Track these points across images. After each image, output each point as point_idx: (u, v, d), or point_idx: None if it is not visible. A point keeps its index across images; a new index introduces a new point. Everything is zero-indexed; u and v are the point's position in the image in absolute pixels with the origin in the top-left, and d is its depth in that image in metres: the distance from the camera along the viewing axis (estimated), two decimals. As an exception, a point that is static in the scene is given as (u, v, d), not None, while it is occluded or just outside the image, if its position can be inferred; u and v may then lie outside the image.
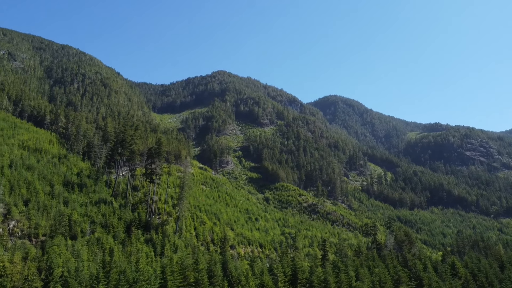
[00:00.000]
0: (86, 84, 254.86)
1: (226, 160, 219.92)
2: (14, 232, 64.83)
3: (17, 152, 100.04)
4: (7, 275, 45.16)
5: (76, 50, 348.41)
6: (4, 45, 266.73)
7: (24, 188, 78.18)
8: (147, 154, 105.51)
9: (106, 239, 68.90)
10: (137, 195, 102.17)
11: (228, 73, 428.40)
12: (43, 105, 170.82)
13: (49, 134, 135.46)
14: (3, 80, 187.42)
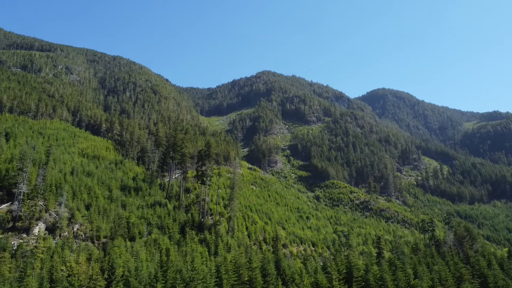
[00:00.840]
0: (137, 92, 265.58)
1: (275, 160, 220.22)
2: (78, 235, 68.87)
3: (77, 159, 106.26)
4: (74, 275, 48.11)
5: (126, 60, 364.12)
6: (62, 60, 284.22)
7: (85, 193, 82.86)
8: (197, 157, 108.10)
9: (162, 240, 71.40)
10: (189, 197, 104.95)
11: (272, 72, 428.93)
12: (99, 114, 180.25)
13: (105, 142, 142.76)
14: (62, 93, 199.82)
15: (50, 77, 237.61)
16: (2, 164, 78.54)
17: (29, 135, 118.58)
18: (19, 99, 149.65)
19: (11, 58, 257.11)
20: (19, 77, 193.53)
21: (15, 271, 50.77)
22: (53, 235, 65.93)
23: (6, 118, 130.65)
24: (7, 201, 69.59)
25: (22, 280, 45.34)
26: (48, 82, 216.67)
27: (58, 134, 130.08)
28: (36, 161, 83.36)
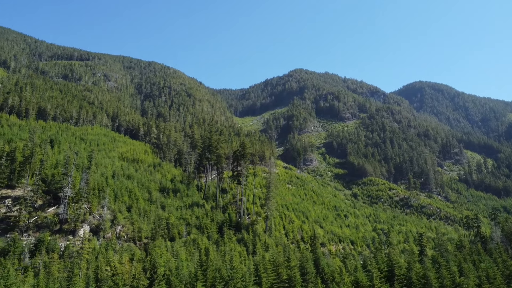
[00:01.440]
0: (172, 96, 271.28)
1: (310, 158, 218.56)
2: (120, 236, 71.18)
3: (118, 163, 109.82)
4: (118, 274, 49.78)
5: (161, 65, 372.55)
6: (100, 68, 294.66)
7: (126, 195, 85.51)
8: (232, 157, 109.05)
9: (201, 240, 72.55)
10: (226, 197, 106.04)
11: (305, 70, 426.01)
12: (137, 119, 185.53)
13: (143, 145, 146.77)
14: (101, 99, 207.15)
15: (89, 85, 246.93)
16: (48, 169, 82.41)
17: (72, 141, 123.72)
18: (61, 107, 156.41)
19: (53, 69, 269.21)
20: (61, 86, 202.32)
21: (64, 271, 53.14)
22: (97, 236, 68.48)
23: (50, 126, 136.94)
24: (54, 205, 72.94)
25: (70, 280, 47.37)
26: (88, 89, 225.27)
27: (99, 139, 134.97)
28: (79, 166, 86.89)
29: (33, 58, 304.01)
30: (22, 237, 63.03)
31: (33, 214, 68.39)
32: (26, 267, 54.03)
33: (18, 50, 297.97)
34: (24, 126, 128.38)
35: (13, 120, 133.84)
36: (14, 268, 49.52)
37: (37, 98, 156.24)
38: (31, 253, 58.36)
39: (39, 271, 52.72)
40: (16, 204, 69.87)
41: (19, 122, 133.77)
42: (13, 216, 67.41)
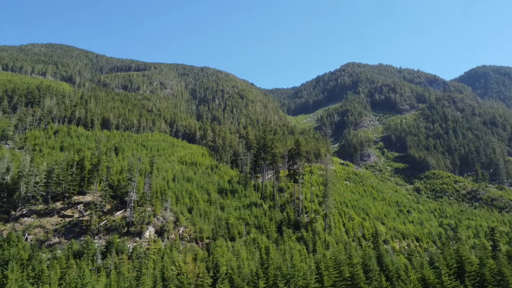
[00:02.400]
0: (225, 99, 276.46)
1: (367, 153, 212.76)
2: (183, 237, 73.68)
3: (177, 167, 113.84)
4: (183, 273, 51.53)
5: (213, 69, 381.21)
6: (156, 77, 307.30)
7: (187, 197, 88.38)
8: (288, 156, 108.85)
9: (261, 239, 73.16)
10: (283, 196, 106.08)
11: (357, 63, 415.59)
12: (193, 123, 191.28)
13: (200, 148, 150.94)
14: (159, 107, 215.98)
15: (147, 94, 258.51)
16: (114, 175, 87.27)
17: (134, 148, 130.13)
18: (123, 116, 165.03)
19: (114, 80, 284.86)
20: (121, 97, 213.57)
21: (133, 270, 56.02)
22: (161, 237, 71.42)
23: (114, 135, 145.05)
24: (121, 209, 77.12)
25: (139, 279, 49.79)
26: (146, 98, 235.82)
27: (158, 145, 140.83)
28: (142, 171, 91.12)
29: (95, 72, 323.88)
30: (94, 239, 67.27)
31: (103, 218, 72.75)
32: (99, 267, 57.60)
33: (81, 66, 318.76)
34: (90, 136, 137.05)
35: (80, 131, 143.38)
36: (88, 269, 52.97)
37: (100, 109, 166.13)
38: (102, 255, 62.13)
39: (110, 271, 55.97)
40: (87, 209, 74.74)
41: (86, 132, 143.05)
42: (85, 220, 72.19)
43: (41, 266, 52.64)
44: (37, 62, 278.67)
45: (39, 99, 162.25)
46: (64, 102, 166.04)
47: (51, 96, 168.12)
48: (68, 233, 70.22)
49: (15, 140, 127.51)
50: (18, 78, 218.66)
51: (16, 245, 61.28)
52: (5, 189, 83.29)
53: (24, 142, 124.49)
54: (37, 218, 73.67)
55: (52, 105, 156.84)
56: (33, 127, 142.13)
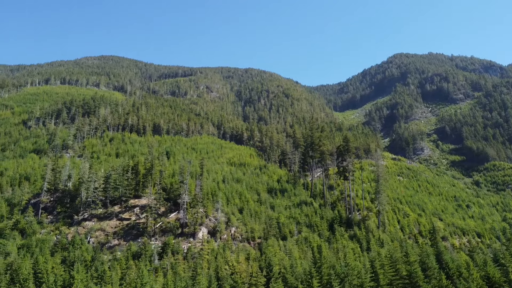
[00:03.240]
0: (270, 99, 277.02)
1: (420, 147, 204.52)
2: (235, 237, 74.65)
3: (226, 168, 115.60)
4: (236, 273, 52.26)
5: (257, 70, 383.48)
6: (202, 81, 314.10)
7: (237, 198, 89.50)
8: (336, 153, 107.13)
9: (312, 238, 72.53)
10: (334, 194, 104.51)
11: (405, 54, 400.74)
12: (239, 124, 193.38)
13: (248, 149, 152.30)
14: (206, 110, 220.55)
15: (194, 98, 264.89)
16: (167, 179, 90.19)
17: (184, 152, 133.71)
18: (172, 122, 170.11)
19: (162, 87, 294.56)
20: (170, 102, 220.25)
21: (188, 270, 57.58)
22: (214, 238, 72.82)
23: (165, 139, 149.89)
24: (174, 211, 79.52)
25: (195, 279, 51.12)
26: (193, 102, 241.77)
27: (207, 148, 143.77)
28: (193, 173, 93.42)
29: (144, 80, 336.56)
30: (151, 241, 69.84)
31: (158, 220, 75.38)
32: (156, 268, 59.75)
33: (132, 75, 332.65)
34: (143, 142, 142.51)
35: (133, 137, 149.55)
36: (146, 269, 55.08)
37: (151, 116, 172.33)
38: (159, 255, 64.39)
39: (167, 271, 57.87)
40: (143, 212, 77.77)
41: (139, 138, 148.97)
42: (141, 223, 75.19)
43: (103, 267, 55.45)
44: (91, 74, 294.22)
45: (94, 109, 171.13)
46: (117, 110, 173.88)
47: (105, 105, 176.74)
48: (127, 235, 73.45)
49: (74, 149, 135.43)
50: (74, 90, 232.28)
51: (80, 247, 65.03)
52: (68, 195, 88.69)
53: (82, 150, 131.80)
54: (97, 222, 77.73)
55: (106, 114, 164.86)
56: (90, 135, 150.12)
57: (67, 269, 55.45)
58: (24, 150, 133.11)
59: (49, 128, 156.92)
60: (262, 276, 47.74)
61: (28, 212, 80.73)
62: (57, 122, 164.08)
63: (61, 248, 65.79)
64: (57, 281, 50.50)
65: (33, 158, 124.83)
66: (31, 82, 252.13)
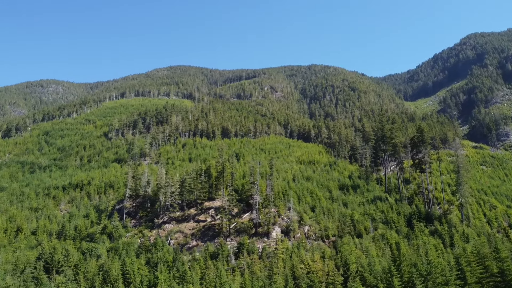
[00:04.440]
0: (336, 94, 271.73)
1: (505, 132, 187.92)
2: (309, 235, 74.22)
3: (295, 167, 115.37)
4: (312, 272, 51.91)
5: (320, 66, 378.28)
6: (266, 82, 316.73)
7: (308, 196, 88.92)
8: (410, 145, 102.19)
9: (390, 234, 69.86)
10: (410, 188, 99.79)
11: (480, 33, 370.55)
12: (306, 122, 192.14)
13: (316, 146, 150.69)
14: (271, 110, 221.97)
15: (259, 99, 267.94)
16: (238, 180, 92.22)
17: (253, 153, 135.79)
18: (240, 124, 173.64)
19: (228, 91, 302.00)
20: (236, 106, 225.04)
21: (264, 270, 58.36)
22: (288, 237, 73.02)
23: (234, 142, 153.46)
24: (247, 211, 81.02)
25: (271, 278, 51.69)
26: (259, 104, 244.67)
27: (275, 147, 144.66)
28: (263, 174, 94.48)
29: (211, 86, 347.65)
30: (226, 241, 71.84)
31: (232, 221, 77.32)
32: (233, 267, 61.37)
33: (198, 82, 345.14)
34: (213, 146, 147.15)
35: (204, 141, 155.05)
36: (224, 269, 56.80)
37: (219, 120, 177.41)
38: (235, 255, 66.04)
39: (244, 271, 59.15)
40: (217, 214, 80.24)
41: (209, 142, 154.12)
42: (217, 224, 77.63)
43: (184, 267, 58.14)
44: (161, 84, 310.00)
45: (166, 117, 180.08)
46: (188, 117, 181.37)
47: (176, 113, 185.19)
48: (203, 236, 76.29)
49: (151, 156, 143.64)
50: (148, 101, 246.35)
51: (162, 249, 68.79)
52: (148, 200, 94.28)
53: (158, 157, 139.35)
54: (176, 224, 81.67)
55: (178, 121, 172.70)
56: (165, 143, 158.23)
57: (151, 270, 58.92)
58: (107, 160, 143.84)
59: (127, 138, 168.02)
60: (339, 275, 46.95)
61: (114, 217, 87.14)
62: (134, 132, 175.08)
63: (144, 250, 70.12)
64: (143, 281, 53.87)
65: (115, 167, 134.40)
66: (109, 97, 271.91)
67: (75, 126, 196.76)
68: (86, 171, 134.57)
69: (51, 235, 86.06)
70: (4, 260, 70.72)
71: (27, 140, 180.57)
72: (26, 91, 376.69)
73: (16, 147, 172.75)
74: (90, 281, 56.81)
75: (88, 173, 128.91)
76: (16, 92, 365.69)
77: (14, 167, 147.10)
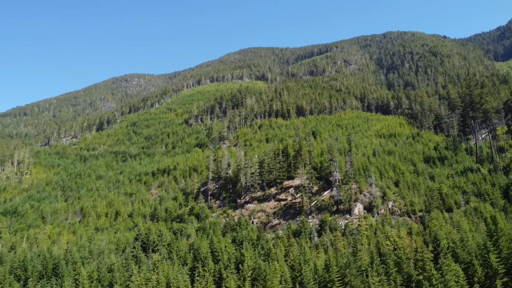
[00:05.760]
0: (416, 61, 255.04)
1: None
2: (393, 211, 71.72)
3: (375, 141, 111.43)
4: (399, 248, 50.30)
5: (396, 33, 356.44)
6: (339, 55, 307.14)
7: (391, 171, 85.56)
8: (504, 110, 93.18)
9: (484, 208, 64.80)
10: (505, 157, 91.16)
11: None
12: (384, 94, 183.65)
13: (397, 118, 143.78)
14: (346, 84, 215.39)
15: (333, 74, 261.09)
16: (316, 158, 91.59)
17: (329, 129, 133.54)
18: (314, 101, 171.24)
19: (300, 69, 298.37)
20: (309, 83, 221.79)
21: (348, 247, 57.78)
22: (371, 213, 71.26)
23: (309, 120, 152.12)
24: (327, 189, 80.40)
25: (356, 255, 51.06)
26: (332, 79, 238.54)
27: (352, 122, 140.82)
28: (341, 150, 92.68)
29: (282, 65, 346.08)
30: (308, 219, 72.20)
31: (313, 199, 77.36)
32: (316, 244, 61.64)
33: (270, 62, 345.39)
34: (289, 125, 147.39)
35: (279, 121, 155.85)
36: (308, 246, 57.30)
37: (293, 99, 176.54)
38: (318, 233, 66.20)
39: (327, 248, 59.13)
40: (297, 192, 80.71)
41: (284, 122, 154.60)
42: (297, 202, 78.26)
43: (268, 245, 59.73)
44: (234, 68, 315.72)
45: (241, 100, 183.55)
46: (262, 98, 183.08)
47: (250, 95, 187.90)
48: (285, 214, 77.48)
49: (229, 139, 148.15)
50: (222, 86, 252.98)
51: (246, 227, 71.25)
52: (230, 181, 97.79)
53: (236, 140, 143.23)
54: (257, 204, 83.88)
55: (252, 103, 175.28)
56: (241, 125, 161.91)
57: (237, 248, 61.45)
58: (189, 145, 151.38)
59: (206, 123, 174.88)
60: (428, 251, 44.84)
61: (200, 199, 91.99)
62: (212, 117, 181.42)
63: (230, 229, 73.21)
64: (231, 258, 56.43)
65: (197, 151, 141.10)
66: (186, 85, 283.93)
67: (158, 115, 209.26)
68: (171, 157, 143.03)
69: (145, 217, 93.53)
70: (108, 241, 78.64)
71: (117, 132, 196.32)
72: (113, 86, 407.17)
73: (109, 139, 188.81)
74: (183, 258, 60.92)
75: (173, 159, 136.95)
76: (104, 88, 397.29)
77: (109, 157, 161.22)
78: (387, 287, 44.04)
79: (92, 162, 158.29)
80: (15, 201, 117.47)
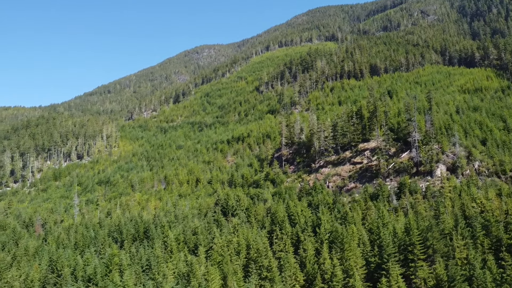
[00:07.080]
0: (506, 4, 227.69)
1: None
2: (480, 172, 66.96)
3: (458, 97, 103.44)
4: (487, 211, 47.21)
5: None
6: (415, 6, 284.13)
7: (477, 128, 79.35)
8: None
9: None
10: None
11: None
12: (468, 45, 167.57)
13: (483, 71, 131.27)
14: (424, 38, 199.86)
15: (409, 28, 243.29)
16: (392, 119, 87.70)
17: (406, 87, 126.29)
18: (389, 58, 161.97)
19: (372, 25, 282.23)
20: (383, 39, 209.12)
21: (429, 209, 55.46)
22: (455, 174, 67.23)
23: (384, 79, 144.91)
24: (405, 150, 76.98)
25: (438, 218, 48.93)
26: (408, 33, 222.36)
27: (432, 78, 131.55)
28: (420, 109, 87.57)
29: (353, 23, 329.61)
30: (386, 182, 70.21)
31: (390, 161, 74.75)
32: (395, 207, 60.02)
33: (339, 21, 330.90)
34: (362, 86, 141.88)
35: (352, 83, 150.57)
36: (386, 209, 56.01)
37: (366, 57, 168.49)
38: (396, 195, 64.26)
39: (407, 211, 57.33)
40: (373, 155, 78.47)
41: (357, 83, 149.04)
42: (374, 165, 76.21)
43: (344, 208, 59.45)
44: (302, 31, 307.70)
45: (311, 64, 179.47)
46: (332, 60, 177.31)
47: (320, 58, 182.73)
48: (361, 178, 76.05)
49: (301, 104, 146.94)
50: (291, 50, 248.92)
51: (321, 191, 71.40)
52: (303, 146, 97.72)
53: (308, 104, 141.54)
54: (332, 168, 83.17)
55: (323, 66, 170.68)
56: (312, 89, 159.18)
57: (313, 211, 62.01)
58: (261, 112, 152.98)
59: (276, 89, 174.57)
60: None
61: (274, 165, 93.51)
62: (282, 83, 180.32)
63: (305, 193, 73.85)
64: (307, 222, 57.20)
65: (269, 118, 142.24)
66: (255, 52, 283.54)
67: (230, 84, 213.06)
68: (244, 124, 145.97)
69: (223, 184, 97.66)
70: (191, 206, 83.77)
71: (192, 103, 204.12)
72: (185, 59, 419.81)
73: (185, 110, 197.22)
74: (261, 222, 63.06)
75: (247, 126, 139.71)
76: (177, 62, 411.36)
77: (186, 127, 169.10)
78: (473, 250, 41.90)
79: (171, 133, 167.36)
80: (107, 172, 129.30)
